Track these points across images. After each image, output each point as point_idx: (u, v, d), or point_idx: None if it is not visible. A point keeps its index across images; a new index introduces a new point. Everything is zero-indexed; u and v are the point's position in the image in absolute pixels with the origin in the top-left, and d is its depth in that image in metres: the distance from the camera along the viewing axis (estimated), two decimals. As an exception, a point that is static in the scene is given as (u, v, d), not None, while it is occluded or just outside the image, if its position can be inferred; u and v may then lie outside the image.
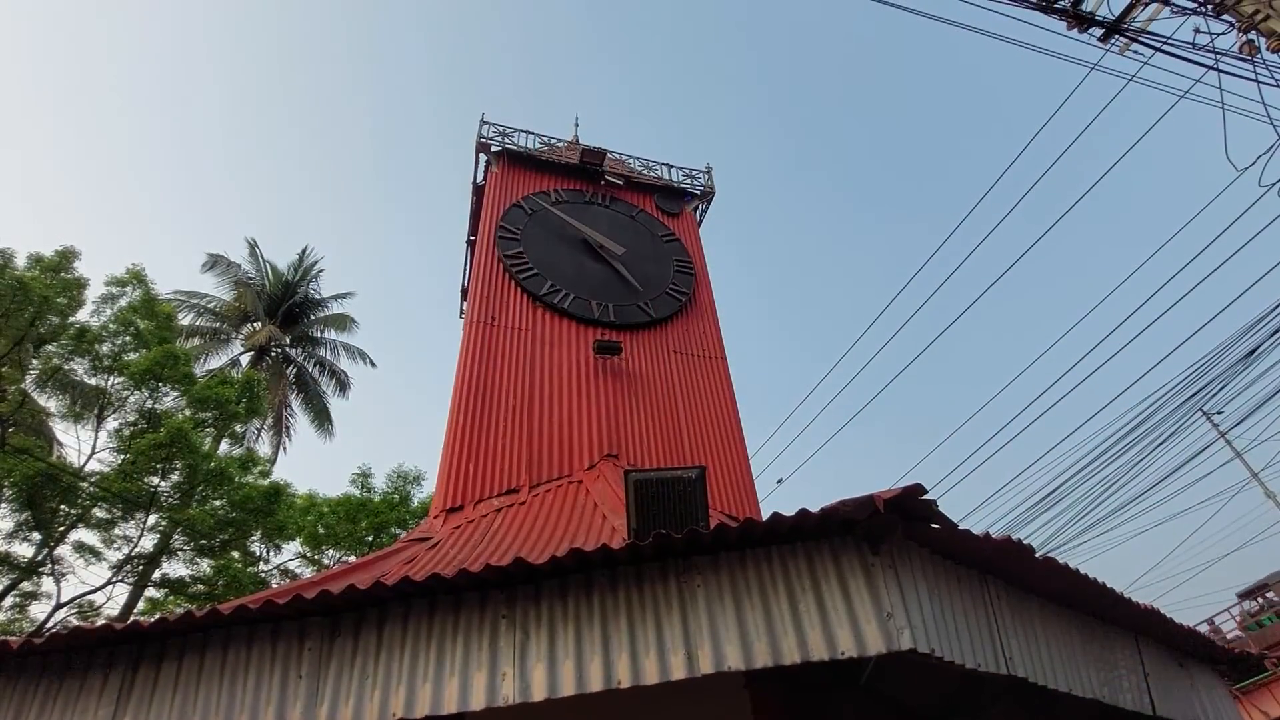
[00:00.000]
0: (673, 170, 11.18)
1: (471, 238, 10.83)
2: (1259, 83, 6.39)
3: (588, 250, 9.54)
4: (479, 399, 7.68)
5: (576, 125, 13.06)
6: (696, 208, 11.05)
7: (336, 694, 3.20)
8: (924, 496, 3.22)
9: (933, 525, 3.44)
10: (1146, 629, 4.93)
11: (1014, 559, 3.86)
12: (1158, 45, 7.47)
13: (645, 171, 11.13)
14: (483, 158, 10.36)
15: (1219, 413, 13.46)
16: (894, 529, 3.37)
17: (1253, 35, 6.57)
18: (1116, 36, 7.76)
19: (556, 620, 3.33)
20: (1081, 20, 7.61)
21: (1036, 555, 3.82)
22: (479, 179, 10.49)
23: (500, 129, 10.47)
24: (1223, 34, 6.57)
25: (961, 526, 3.57)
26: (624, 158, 11.25)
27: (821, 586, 3.38)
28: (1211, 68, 7.17)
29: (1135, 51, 7.81)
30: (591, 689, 3.16)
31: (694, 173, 11.27)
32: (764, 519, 3.38)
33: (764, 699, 4.37)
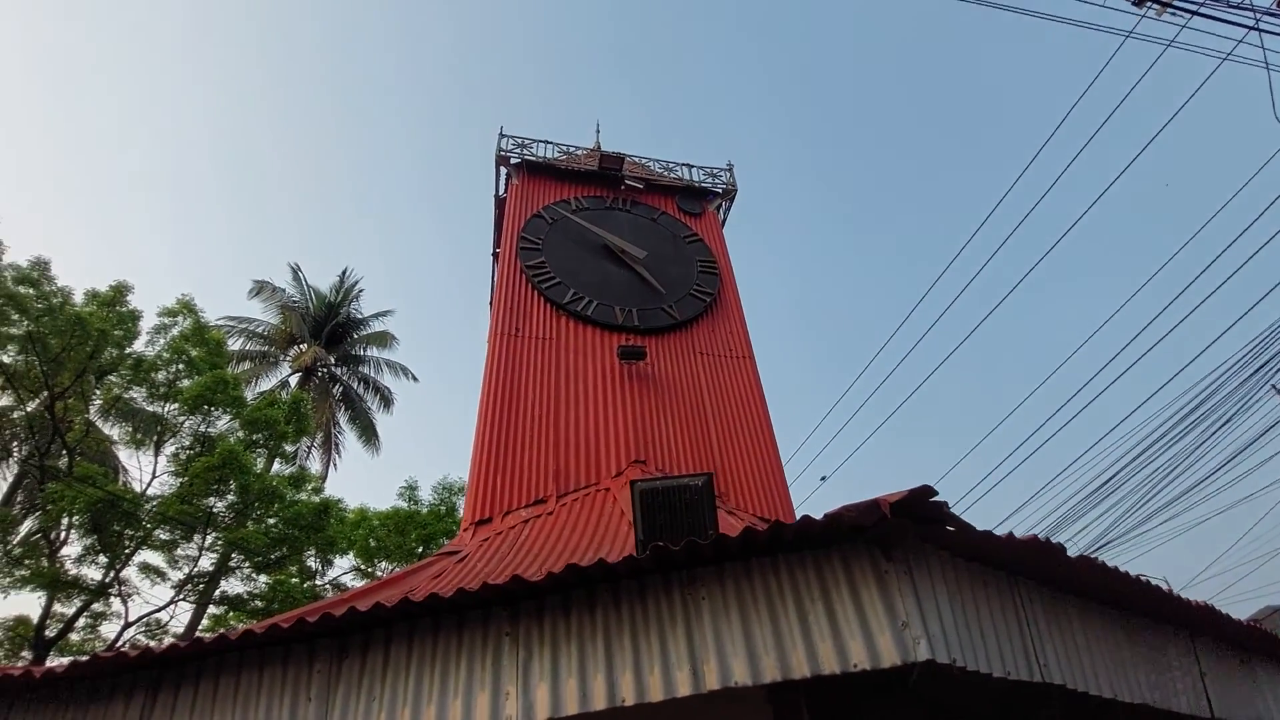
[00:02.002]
0: (693, 170, 11.07)
1: (496, 250, 10.93)
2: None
3: (610, 256, 9.51)
4: (505, 411, 7.72)
5: (598, 131, 13.05)
6: (719, 206, 10.91)
7: (344, 716, 3.22)
8: (934, 498, 3.05)
9: (949, 528, 3.26)
10: (1202, 627, 4.60)
11: (1044, 559, 3.64)
12: (1194, 9, 7.03)
13: (665, 173, 11.04)
14: (503, 170, 10.45)
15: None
16: (905, 533, 3.21)
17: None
18: (1150, 3, 7.35)
19: (559, 637, 3.28)
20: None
21: (1068, 554, 3.59)
22: (500, 192, 10.58)
23: (519, 141, 10.55)
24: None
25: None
26: (644, 161, 11.19)
27: (832, 596, 3.24)
28: (1252, 27, 6.72)
29: (1178, 8, 7.38)
30: (595, 707, 3.09)
31: (715, 171, 11.14)
32: (767, 526, 3.26)
33: (786, 711, 4.22)
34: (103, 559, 12.22)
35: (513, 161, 10.32)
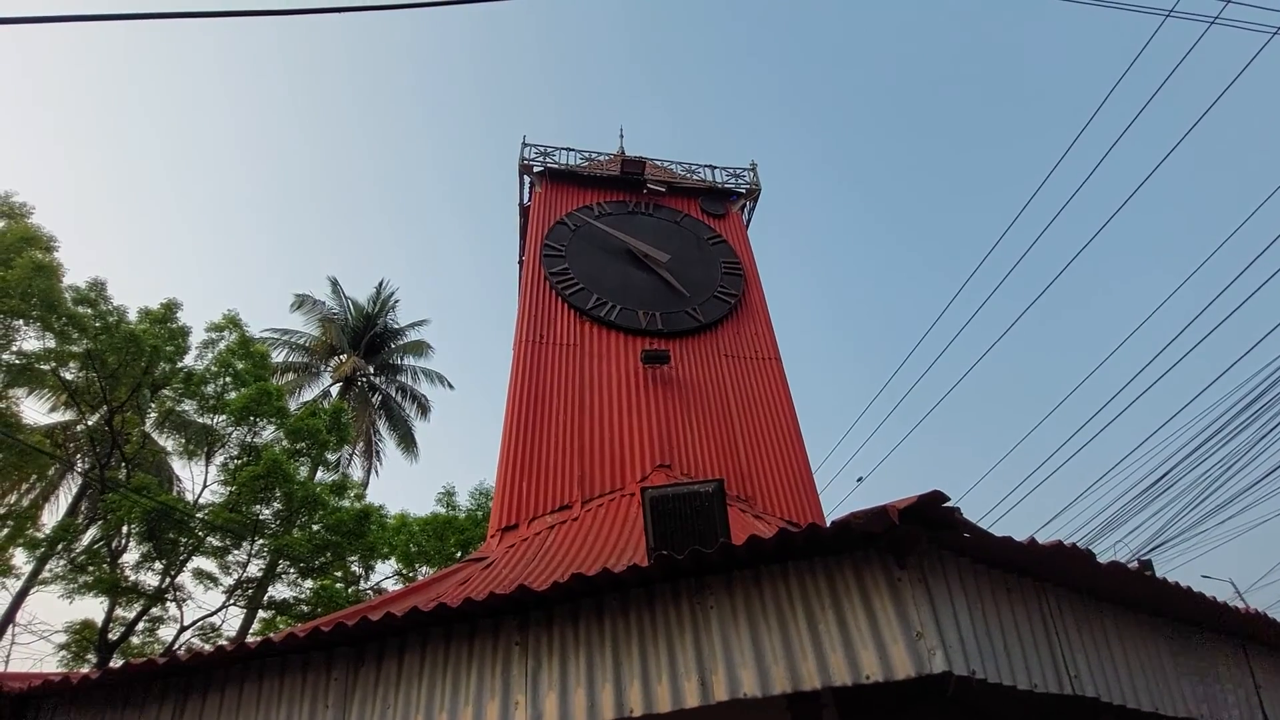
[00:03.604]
0: (716, 171, 11.00)
1: (521, 258, 11.04)
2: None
3: (633, 260, 9.51)
4: (530, 418, 7.78)
5: (621, 136, 13.10)
6: (743, 207, 10.82)
7: (359, 724, 3.28)
8: (946, 504, 2.95)
9: (964, 535, 3.15)
10: (1255, 635, 4.34)
11: (1071, 565, 3.48)
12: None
13: (688, 175, 11.00)
14: (526, 179, 10.55)
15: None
16: (918, 540, 3.11)
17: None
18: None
19: (568, 647, 3.28)
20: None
21: (1097, 560, 3.43)
22: (524, 200, 10.69)
23: (541, 149, 10.64)
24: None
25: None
26: (666, 164, 11.17)
27: (843, 605, 3.16)
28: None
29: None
30: (604, 718, 3.08)
31: (738, 171, 11.04)
32: (776, 533, 3.20)
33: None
34: (158, 565, 12.74)
35: (535, 170, 10.42)
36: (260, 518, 13.12)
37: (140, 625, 13.26)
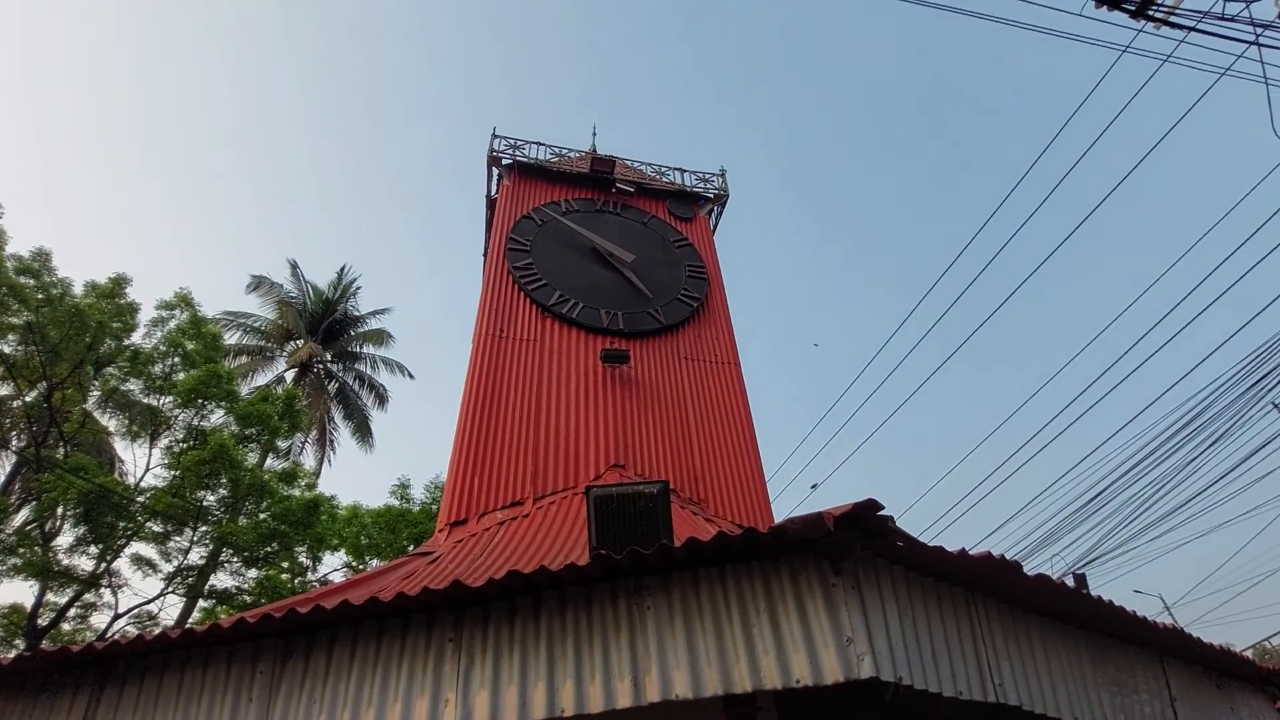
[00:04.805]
0: (685, 174, 11.04)
1: (486, 251, 10.92)
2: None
3: (598, 259, 9.49)
4: (486, 412, 7.70)
5: (594, 134, 13.05)
6: (710, 211, 10.88)
7: (284, 718, 3.20)
8: (880, 512, 3.00)
9: (898, 543, 3.22)
10: (1172, 649, 4.52)
11: (1000, 576, 3.58)
12: (1192, 25, 6.94)
13: (658, 177, 11.02)
14: (494, 171, 10.45)
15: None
16: (853, 547, 3.16)
17: (1292, -3, 6.02)
18: (1152, 10, 7.26)
19: (502, 644, 3.25)
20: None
21: (1024, 572, 3.54)
22: (492, 192, 10.58)
23: (511, 141, 10.54)
24: (1255, 0, 6.03)
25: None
26: (636, 164, 11.17)
27: (778, 609, 3.20)
28: (1253, 42, 6.63)
29: (1173, 24, 7.28)
30: (535, 717, 3.06)
31: (707, 176, 11.10)
32: (714, 536, 3.23)
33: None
34: (94, 550, 12.27)
35: (504, 162, 10.32)
36: (204, 504, 12.74)
37: (72, 611, 12.77)
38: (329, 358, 20.24)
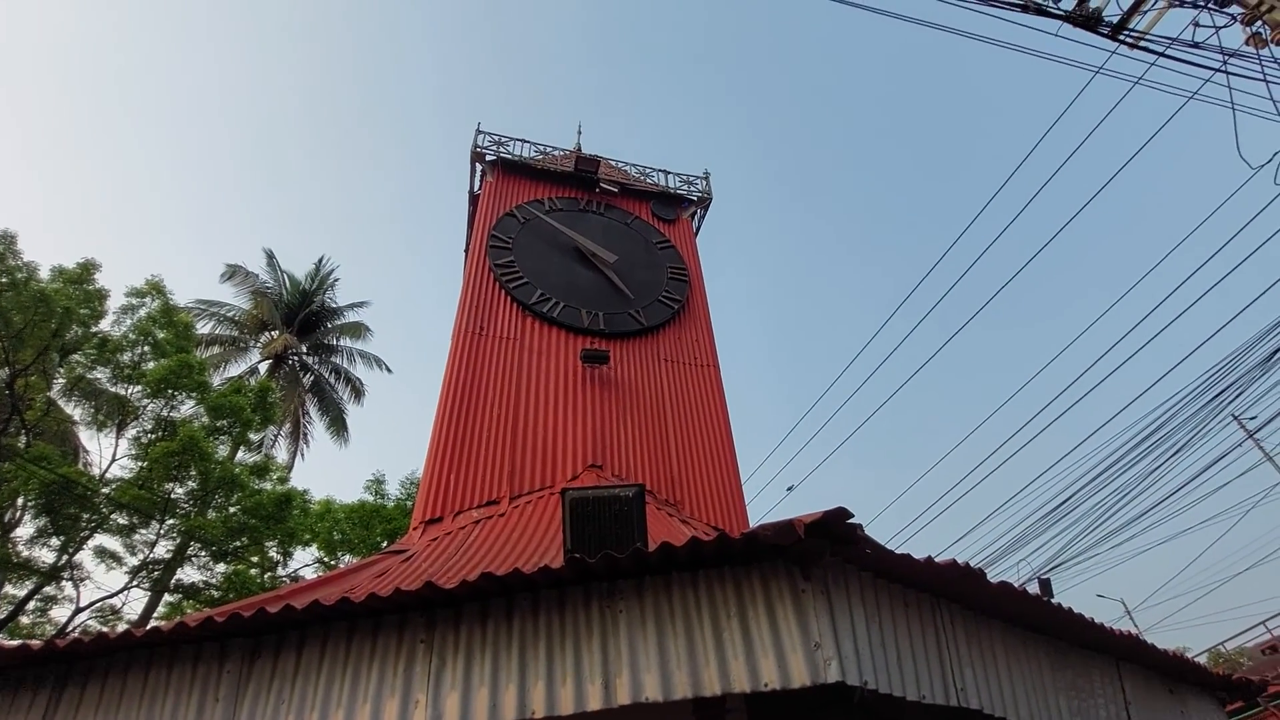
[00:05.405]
0: (670, 176, 11.08)
1: (468, 247, 10.86)
2: (1266, 81, 6.05)
3: (580, 258, 9.49)
4: (463, 410, 7.67)
5: (579, 133, 13.04)
6: (693, 214, 10.93)
7: (251, 718, 3.18)
8: (849, 520, 3.06)
9: (866, 550, 3.28)
10: (1128, 654, 4.66)
11: (965, 583, 3.67)
12: (1161, 50, 7.14)
13: (642, 178, 11.04)
14: (478, 167, 10.39)
15: (1252, 418, 12.83)
16: (822, 554, 3.22)
17: (1259, 27, 6.21)
18: (1124, 34, 7.44)
19: (474, 646, 3.26)
20: (1084, 21, 7.29)
21: (988, 579, 3.63)
22: (475, 188, 10.52)
23: (496, 138, 10.49)
24: (1225, 26, 6.22)
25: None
26: (621, 164, 11.18)
27: (748, 613, 3.25)
28: (1219, 69, 6.83)
29: (1143, 48, 7.48)
30: (505, 719, 3.07)
31: (691, 179, 11.15)
32: (688, 541, 3.26)
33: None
34: (56, 542, 11.99)
35: (488, 159, 10.27)
36: (172, 496, 12.50)
37: (31, 605, 12.46)
38: (305, 350, 19.97)
